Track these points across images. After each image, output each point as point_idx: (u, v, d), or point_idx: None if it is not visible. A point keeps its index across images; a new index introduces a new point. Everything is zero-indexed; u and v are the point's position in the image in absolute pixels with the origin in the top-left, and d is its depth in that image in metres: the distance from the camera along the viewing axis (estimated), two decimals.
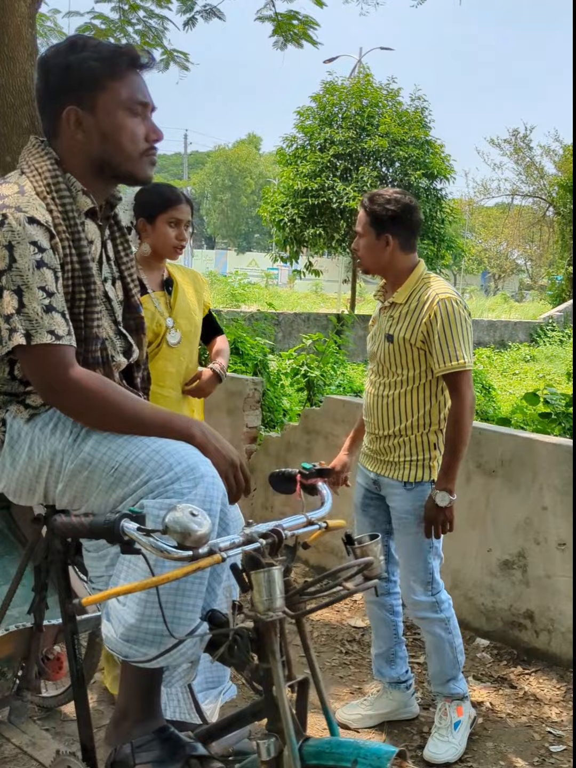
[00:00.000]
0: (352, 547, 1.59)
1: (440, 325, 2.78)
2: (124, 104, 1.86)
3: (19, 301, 1.71)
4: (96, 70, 1.82)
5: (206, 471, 1.72)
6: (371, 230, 2.91)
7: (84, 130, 1.85)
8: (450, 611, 3.01)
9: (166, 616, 1.65)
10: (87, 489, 1.79)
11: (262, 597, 1.46)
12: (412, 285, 2.92)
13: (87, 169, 1.89)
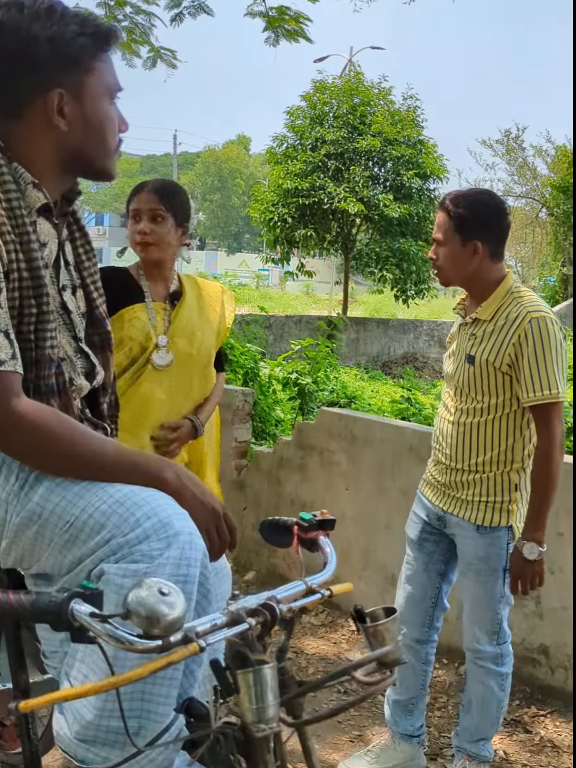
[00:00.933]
0: (364, 625, 1.27)
1: (531, 347, 2.42)
2: (106, 90, 1.59)
3: None
4: (86, 49, 1.53)
5: (182, 527, 1.39)
6: (456, 236, 2.52)
7: (66, 119, 1.54)
8: (510, 667, 2.69)
9: (132, 709, 1.34)
10: (37, 547, 1.46)
11: (251, 704, 1.13)
12: (500, 299, 2.54)
13: (52, 160, 1.57)
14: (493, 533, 2.56)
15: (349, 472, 4.14)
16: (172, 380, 2.78)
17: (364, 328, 18.34)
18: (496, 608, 2.61)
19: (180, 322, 2.81)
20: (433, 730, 3.16)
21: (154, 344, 2.73)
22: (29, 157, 1.56)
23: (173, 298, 2.85)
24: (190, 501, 1.46)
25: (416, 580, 2.79)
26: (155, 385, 2.74)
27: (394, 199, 16.97)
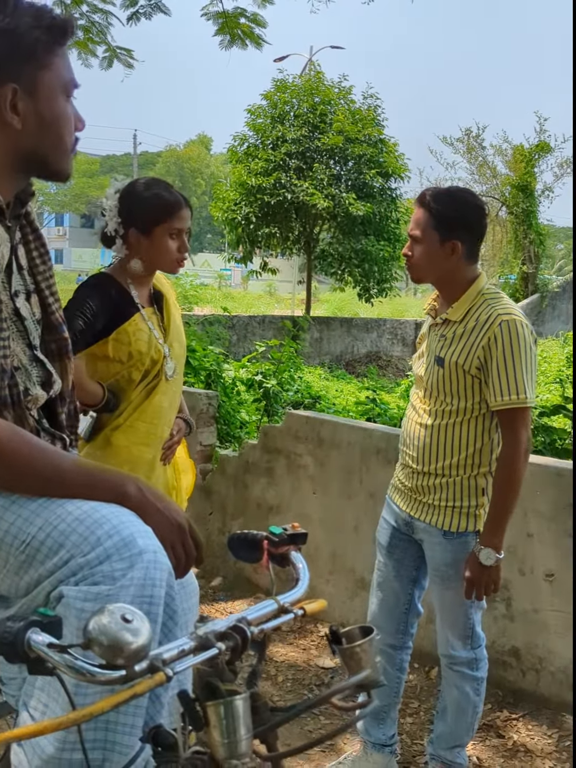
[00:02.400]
0: (340, 647, 1.21)
1: (501, 351, 2.36)
2: (62, 86, 1.50)
3: None
4: (41, 43, 1.45)
5: (145, 545, 1.31)
6: (434, 234, 2.44)
7: (20, 116, 1.45)
8: (485, 672, 2.65)
9: (96, 740, 1.26)
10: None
11: (222, 738, 1.06)
12: (471, 300, 2.47)
13: (4, 160, 1.48)
14: (461, 538, 2.51)
15: (317, 475, 4.08)
16: (174, 385, 2.75)
17: (328, 328, 18.32)
18: (467, 613, 2.57)
19: (173, 326, 2.76)
20: (405, 737, 3.11)
21: (163, 356, 2.67)
22: None
23: (156, 301, 2.76)
24: (153, 516, 1.38)
25: (388, 587, 2.74)
26: (165, 395, 2.70)
27: (356, 197, 16.97)
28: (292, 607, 1.29)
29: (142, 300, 2.67)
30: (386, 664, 2.76)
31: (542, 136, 23.96)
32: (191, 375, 5.74)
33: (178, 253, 2.63)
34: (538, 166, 23.92)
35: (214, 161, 65.25)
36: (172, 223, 2.59)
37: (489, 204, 25.31)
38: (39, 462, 1.37)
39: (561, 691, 3.24)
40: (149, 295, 2.73)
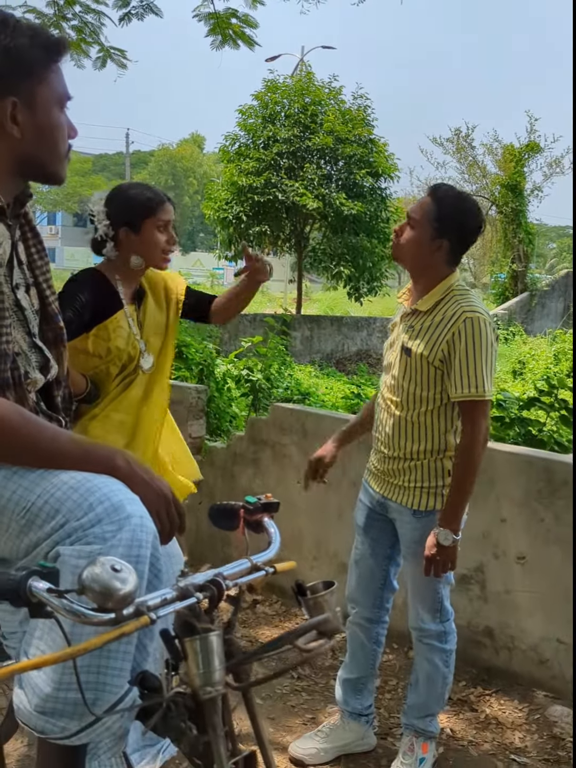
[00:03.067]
0: (304, 598, 1.37)
1: (463, 346, 2.51)
2: (57, 99, 1.68)
3: None
4: (37, 60, 1.61)
5: (133, 510, 1.47)
6: (430, 226, 2.56)
7: (19, 126, 1.62)
8: (453, 644, 2.81)
9: (89, 682, 1.42)
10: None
11: (198, 669, 1.23)
12: (440, 294, 2.62)
13: (5, 165, 1.65)
14: (428, 517, 2.67)
15: (301, 465, 4.21)
16: (152, 377, 2.88)
17: (318, 326, 18.48)
18: (436, 588, 2.73)
19: (148, 321, 2.88)
20: (383, 711, 3.27)
21: (139, 352, 2.81)
22: None
23: (138, 297, 2.90)
24: (140, 485, 1.54)
25: (364, 564, 2.90)
26: (140, 388, 2.84)
27: (347, 197, 17.14)
28: (264, 565, 1.45)
29: (126, 297, 2.81)
30: (363, 637, 2.93)
31: (532, 136, 24.21)
32: (184, 369, 5.90)
33: (167, 245, 2.77)
34: (527, 166, 24.13)
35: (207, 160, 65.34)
36: (159, 215, 2.74)
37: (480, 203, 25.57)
38: (37, 437, 1.53)
39: (531, 668, 3.41)
40: (133, 292, 2.87)
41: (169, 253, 2.81)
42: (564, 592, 3.29)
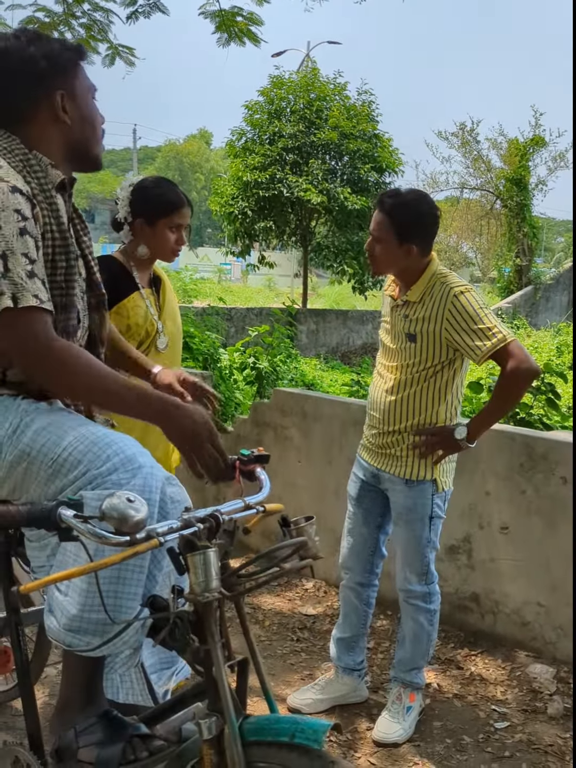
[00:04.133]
0: (288, 528, 1.63)
1: (461, 316, 2.74)
2: (89, 90, 2.01)
3: (4, 266, 1.73)
4: (69, 60, 1.94)
5: (144, 461, 1.75)
6: (393, 238, 2.80)
7: (69, 115, 1.94)
8: (437, 605, 3.07)
9: (107, 605, 1.68)
10: (26, 480, 1.81)
11: (198, 579, 1.49)
12: (426, 282, 2.87)
13: (60, 151, 1.97)
14: (420, 485, 2.93)
15: (301, 445, 4.49)
16: (166, 359, 3.08)
17: (324, 320, 18.72)
18: (423, 552, 2.98)
19: (167, 306, 3.14)
20: (375, 669, 3.53)
21: (155, 330, 3.05)
22: (45, 148, 1.95)
23: (155, 284, 3.16)
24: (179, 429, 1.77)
25: (357, 532, 3.15)
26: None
27: (351, 192, 17.35)
28: (255, 505, 1.71)
29: (142, 281, 3.07)
30: (355, 599, 3.19)
31: (537, 130, 24.34)
32: (190, 359, 6.16)
33: (175, 245, 3.05)
34: (532, 160, 24.26)
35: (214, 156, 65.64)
36: (174, 218, 3.01)
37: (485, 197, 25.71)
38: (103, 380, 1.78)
39: (514, 630, 3.66)
40: (149, 279, 3.14)
41: (176, 251, 3.09)
42: (544, 559, 3.54)
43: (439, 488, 2.95)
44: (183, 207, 3.03)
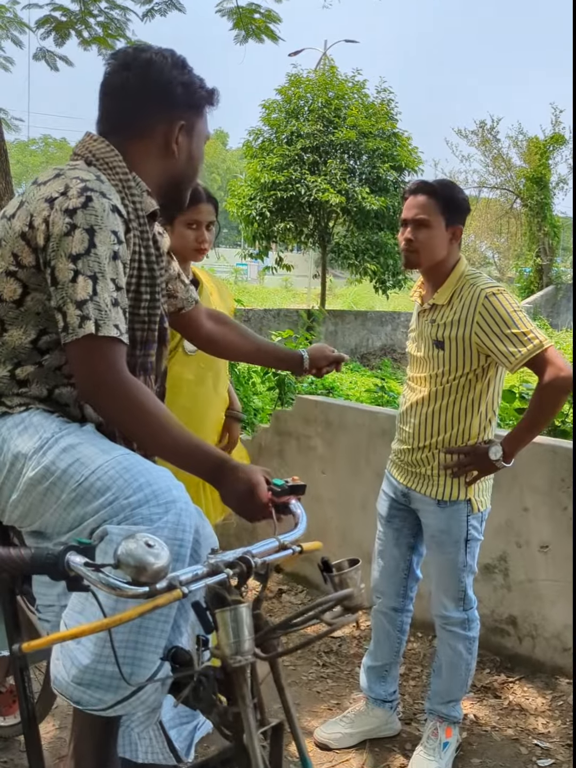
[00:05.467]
0: (330, 574, 1.42)
1: (493, 320, 2.54)
2: (206, 136, 1.98)
3: (93, 289, 1.61)
4: (203, 98, 1.92)
5: (178, 495, 1.57)
6: (440, 219, 2.62)
7: (179, 149, 1.89)
8: (476, 632, 2.85)
9: (125, 656, 1.48)
10: (44, 503, 1.63)
11: (228, 639, 1.29)
12: (454, 284, 2.67)
13: (157, 180, 1.90)
14: (453, 506, 2.71)
15: (326, 456, 4.29)
16: (200, 362, 2.89)
17: (343, 321, 18.50)
18: (460, 576, 2.77)
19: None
20: (407, 697, 3.32)
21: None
22: (143, 171, 1.85)
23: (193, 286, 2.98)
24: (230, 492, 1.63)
25: (388, 554, 2.95)
26: (184, 367, 2.86)
27: (370, 191, 17.11)
28: (290, 544, 1.51)
29: None
30: (388, 625, 2.98)
31: (557, 128, 24.05)
32: None
33: (195, 243, 2.83)
34: (552, 158, 23.99)
35: (230, 156, 65.51)
36: (190, 215, 2.78)
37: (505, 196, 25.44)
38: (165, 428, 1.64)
39: (554, 655, 3.44)
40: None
41: (201, 250, 2.87)
42: None
43: (474, 509, 2.74)
44: (200, 203, 2.81)
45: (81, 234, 1.61)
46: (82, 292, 1.60)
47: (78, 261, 1.60)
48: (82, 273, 1.60)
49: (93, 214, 1.63)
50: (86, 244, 1.61)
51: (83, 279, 1.60)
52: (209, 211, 2.86)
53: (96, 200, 1.64)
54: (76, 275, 1.60)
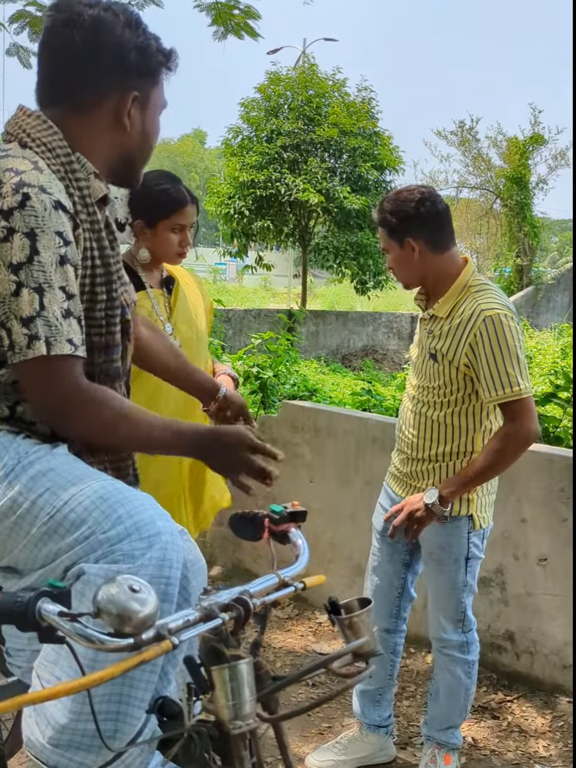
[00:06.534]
0: (339, 618, 1.26)
1: (488, 347, 2.38)
2: (162, 105, 1.73)
3: (40, 303, 1.41)
4: (158, 63, 1.67)
5: (164, 527, 1.38)
6: (392, 242, 2.52)
7: (131, 122, 1.65)
8: (476, 655, 2.70)
9: (108, 712, 1.31)
10: (12, 538, 1.44)
11: (227, 701, 1.11)
12: (456, 296, 2.50)
13: (106, 158, 1.65)
14: (454, 523, 2.56)
15: (314, 464, 4.12)
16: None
17: (324, 321, 18.35)
18: (459, 597, 2.62)
19: (180, 307, 2.80)
20: (402, 719, 3.17)
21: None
22: (89, 150, 1.61)
23: (167, 284, 2.82)
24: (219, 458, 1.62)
25: (382, 571, 2.79)
26: None
27: (351, 191, 16.96)
28: (292, 581, 1.34)
29: (151, 281, 2.74)
30: (381, 647, 2.81)
31: (536, 128, 24.01)
32: None
33: (179, 247, 2.71)
34: (532, 158, 23.94)
35: (209, 155, 65.21)
36: (176, 219, 2.66)
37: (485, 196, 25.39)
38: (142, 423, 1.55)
39: (554, 672, 3.30)
40: (160, 279, 2.80)
41: (182, 254, 2.76)
42: None
43: (476, 525, 2.59)
44: (185, 206, 2.68)
45: (20, 239, 1.41)
46: (28, 308, 1.41)
47: (20, 271, 1.41)
48: (26, 285, 1.41)
49: (33, 215, 1.42)
50: (27, 251, 1.41)
51: (28, 292, 1.40)
52: (193, 213, 2.74)
53: (35, 198, 1.42)
54: (19, 288, 1.41)
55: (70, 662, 1.31)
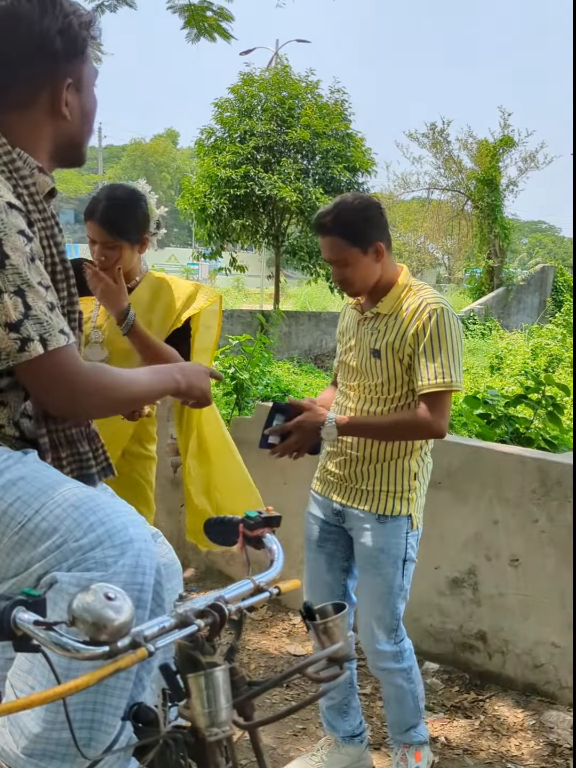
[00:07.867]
0: (314, 623, 1.26)
1: (428, 338, 2.41)
2: (94, 77, 1.66)
3: (24, 304, 1.39)
4: (83, 39, 1.58)
5: (136, 534, 1.37)
6: (353, 249, 2.45)
7: (70, 108, 1.59)
8: (412, 659, 2.67)
9: (83, 720, 1.30)
10: None
11: (203, 708, 1.11)
12: (398, 295, 2.53)
13: (47, 150, 1.60)
14: (394, 522, 2.55)
15: (287, 466, 4.11)
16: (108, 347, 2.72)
17: (296, 322, 18.36)
18: (395, 602, 2.58)
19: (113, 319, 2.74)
20: (375, 719, 3.18)
21: (86, 338, 2.67)
22: (30, 145, 1.56)
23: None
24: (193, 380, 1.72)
25: (321, 582, 2.74)
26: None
27: (323, 192, 16.98)
28: (267, 586, 1.34)
29: None
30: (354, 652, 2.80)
31: (506, 131, 24.24)
32: None
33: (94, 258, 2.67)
34: (502, 161, 24.19)
35: (181, 155, 65.00)
36: (87, 230, 2.67)
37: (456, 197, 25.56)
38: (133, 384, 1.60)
39: (526, 672, 3.33)
40: None
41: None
42: (559, 595, 3.22)
43: (413, 526, 2.58)
44: (92, 218, 2.63)
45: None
46: (14, 312, 1.39)
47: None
48: (5, 291, 1.38)
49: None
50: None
51: (9, 297, 1.38)
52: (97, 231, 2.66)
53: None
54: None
55: (43, 671, 1.30)
